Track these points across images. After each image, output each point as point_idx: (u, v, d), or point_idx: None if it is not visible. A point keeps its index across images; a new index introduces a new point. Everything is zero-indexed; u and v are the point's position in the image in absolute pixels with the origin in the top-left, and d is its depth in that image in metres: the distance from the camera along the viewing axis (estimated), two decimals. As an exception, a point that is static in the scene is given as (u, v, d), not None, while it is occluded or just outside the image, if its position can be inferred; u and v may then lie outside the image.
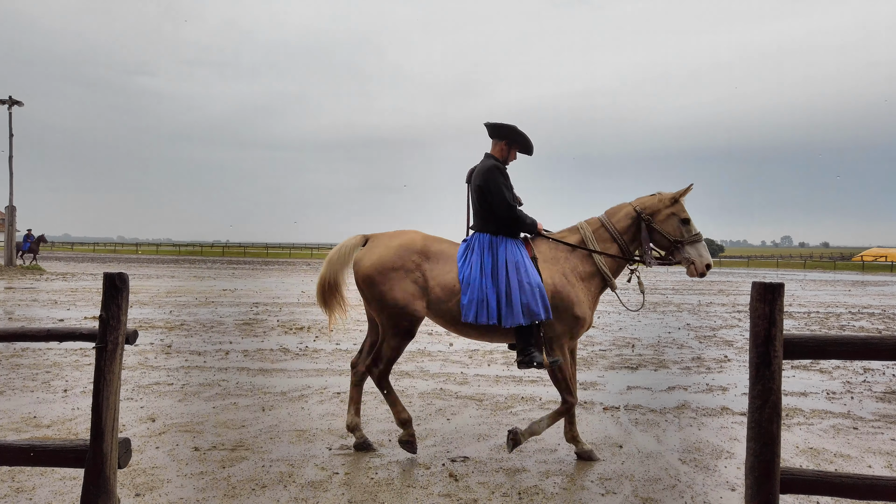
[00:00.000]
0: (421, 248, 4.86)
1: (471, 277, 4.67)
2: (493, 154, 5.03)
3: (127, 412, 5.88)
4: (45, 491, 4.04)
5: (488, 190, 4.83)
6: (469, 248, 4.85)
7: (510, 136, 4.97)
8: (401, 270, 4.76)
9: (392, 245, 4.86)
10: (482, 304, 4.60)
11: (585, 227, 5.07)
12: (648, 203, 5.01)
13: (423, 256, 4.83)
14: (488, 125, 5.01)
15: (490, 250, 4.76)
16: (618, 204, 5.17)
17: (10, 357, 8.38)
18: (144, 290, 19.58)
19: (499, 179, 4.83)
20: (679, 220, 4.91)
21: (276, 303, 16.44)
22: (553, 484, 4.37)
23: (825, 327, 13.42)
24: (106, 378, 3.04)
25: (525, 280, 4.62)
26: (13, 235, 31.51)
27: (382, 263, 4.79)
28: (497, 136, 5.02)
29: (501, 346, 10.16)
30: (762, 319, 2.53)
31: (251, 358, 8.76)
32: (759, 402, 2.53)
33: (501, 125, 4.96)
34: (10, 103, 31.61)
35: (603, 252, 4.95)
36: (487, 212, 4.88)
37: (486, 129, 5.05)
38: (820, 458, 5.02)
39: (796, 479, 2.58)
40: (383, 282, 4.76)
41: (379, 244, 4.93)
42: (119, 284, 3.07)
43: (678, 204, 4.95)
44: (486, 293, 4.61)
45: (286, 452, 4.88)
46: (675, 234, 4.91)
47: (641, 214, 4.97)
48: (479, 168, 4.98)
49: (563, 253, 4.95)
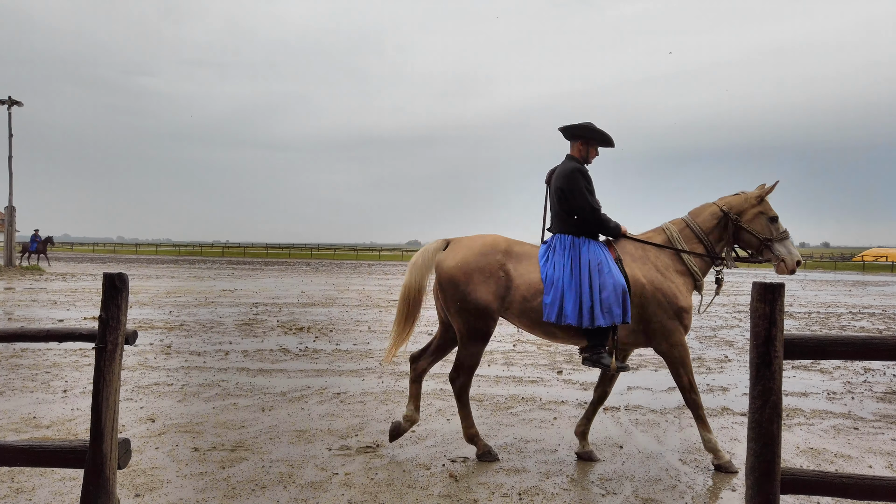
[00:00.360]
0: (504, 248, 4.84)
1: (554, 277, 4.65)
2: (573, 155, 5.00)
3: (127, 412, 5.88)
4: (44, 491, 4.04)
5: (570, 192, 4.80)
6: (550, 249, 4.83)
7: (585, 134, 4.94)
8: (485, 270, 4.73)
9: (475, 246, 4.84)
10: (564, 305, 4.58)
11: (671, 227, 5.04)
12: (735, 202, 4.98)
13: (507, 256, 4.81)
14: (562, 129, 5.01)
15: (572, 251, 4.74)
16: (701, 205, 5.13)
17: (10, 357, 8.38)
18: (144, 291, 19.57)
19: (581, 182, 4.81)
20: (767, 219, 4.89)
21: (276, 303, 16.44)
22: (553, 484, 4.37)
23: (826, 327, 13.42)
24: (105, 378, 3.04)
25: (609, 281, 4.59)
26: (13, 236, 31.50)
27: (466, 263, 4.76)
28: (572, 136, 5.01)
29: (502, 347, 10.16)
30: (762, 319, 2.53)
31: (251, 358, 8.75)
32: (759, 403, 2.52)
33: (575, 125, 4.94)
34: (10, 103, 31.61)
35: (692, 252, 4.90)
36: (568, 214, 4.86)
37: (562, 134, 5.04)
38: (820, 458, 5.02)
39: (797, 479, 2.58)
40: (467, 282, 4.72)
41: (462, 246, 4.90)
42: (119, 285, 3.07)
43: (765, 202, 4.93)
44: (568, 293, 4.59)
45: (286, 453, 4.87)
46: (765, 232, 4.88)
47: (729, 214, 4.94)
48: (560, 170, 4.94)
49: (651, 251, 4.92)
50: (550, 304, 4.60)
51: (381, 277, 30.40)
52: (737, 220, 4.93)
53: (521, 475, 4.53)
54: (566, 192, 4.83)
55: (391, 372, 8.02)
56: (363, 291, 20.68)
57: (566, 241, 4.81)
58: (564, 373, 8.20)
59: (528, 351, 9.87)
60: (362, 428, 5.58)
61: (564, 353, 9.65)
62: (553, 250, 4.82)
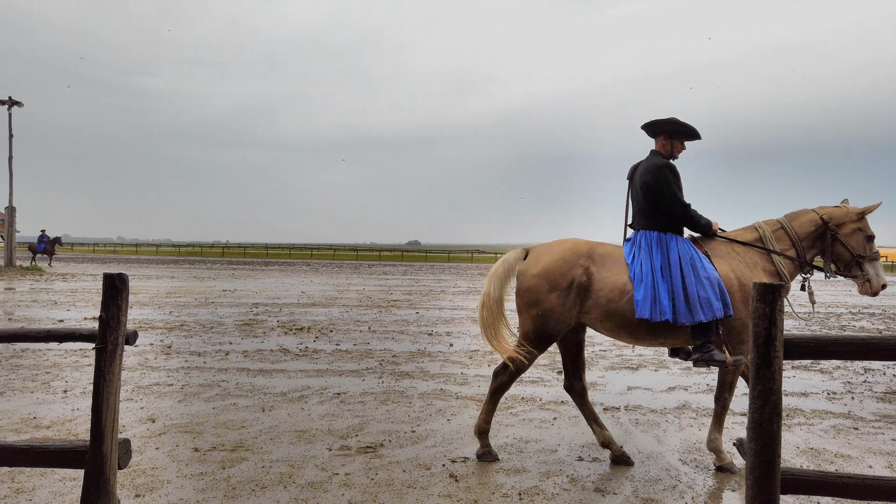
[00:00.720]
0: (587, 251, 4.77)
1: (642, 274, 4.58)
2: (658, 150, 4.96)
3: (127, 413, 5.88)
4: (44, 492, 4.04)
5: (658, 188, 4.75)
6: (636, 247, 4.76)
7: (668, 128, 4.90)
8: (567, 276, 4.66)
9: (556, 252, 4.78)
10: (655, 300, 4.50)
11: (764, 227, 4.97)
12: (835, 214, 4.89)
13: (589, 260, 4.74)
14: (645, 126, 4.98)
15: (659, 247, 4.68)
16: (798, 209, 5.05)
17: (10, 358, 8.38)
18: (144, 291, 19.57)
19: (669, 178, 4.76)
20: (865, 236, 4.80)
21: (276, 303, 16.44)
22: (553, 484, 4.37)
23: (825, 327, 13.42)
24: (106, 379, 3.04)
25: (703, 275, 4.53)
26: (13, 236, 31.51)
27: (549, 271, 4.69)
28: (655, 132, 4.97)
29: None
30: (762, 319, 2.53)
31: (251, 358, 8.75)
32: (759, 403, 2.52)
33: (658, 121, 4.91)
34: (10, 104, 31.62)
35: (783, 253, 4.83)
36: (655, 210, 4.80)
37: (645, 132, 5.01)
38: (820, 458, 5.02)
39: (797, 479, 2.58)
40: (549, 289, 4.66)
41: (543, 253, 4.84)
42: (119, 285, 3.07)
43: (864, 220, 4.84)
44: (659, 289, 4.52)
45: (286, 453, 4.88)
46: (859, 249, 4.79)
47: (829, 224, 4.85)
48: (646, 165, 4.89)
49: (740, 249, 4.85)
50: (643, 300, 4.51)
51: (382, 277, 30.40)
52: (835, 232, 4.82)
53: (521, 475, 4.53)
54: (653, 188, 4.76)
55: (391, 372, 8.02)
56: (363, 292, 20.68)
57: (652, 237, 4.73)
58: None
59: (528, 351, 9.87)
60: (362, 428, 5.58)
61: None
62: (639, 248, 4.73)
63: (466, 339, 10.92)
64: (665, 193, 4.74)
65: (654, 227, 4.79)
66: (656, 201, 4.78)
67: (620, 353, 9.78)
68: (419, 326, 12.52)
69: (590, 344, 10.64)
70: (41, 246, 35.92)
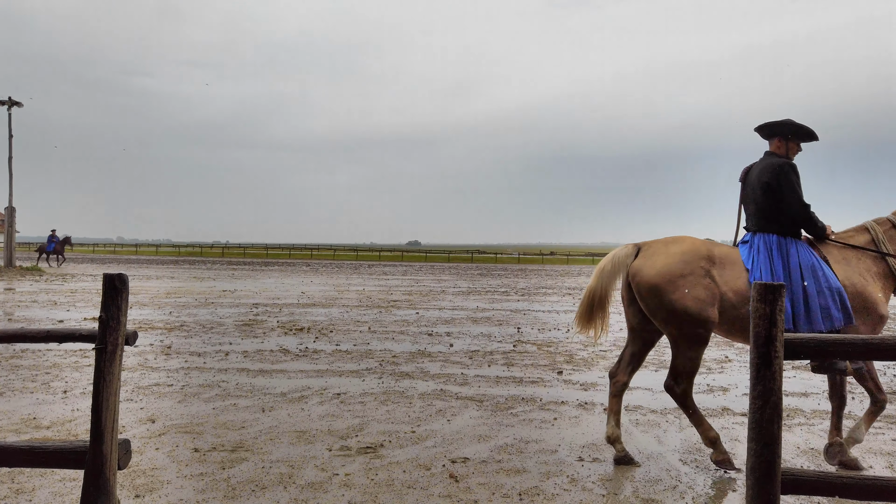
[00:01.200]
0: (707, 253, 4.66)
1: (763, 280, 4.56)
2: (773, 152, 4.90)
3: (127, 413, 5.88)
4: (44, 492, 4.04)
5: (779, 188, 4.68)
6: (754, 250, 4.68)
7: (785, 130, 4.84)
8: (690, 277, 4.56)
9: (675, 252, 4.68)
10: None
11: (876, 227, 4.88)
12: None
13: (710, 262, 4.64)
14: (759, 128, 4.93)
15: (780, 252, 4.62)
16: None
17: (10, 358, 8.38)
18: (144, 291, 19.57)
19: (792, 178, 4.69)
20: None
21: (276, 304, 16.44)
22: (554, 485, 4.36)
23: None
24: (105, 379, 3.04)
25: (824, 285, 4.47)
26: (13, 236, 31.51)
27: (670, 271, 4.58)
28: (770, 134, 4.92)
29: (503, 347, 10.16)
30: (763, 320, 2.53)
31: (251, 359, 8.75)
32: (759, 403, 2.52)
33: (773, 123, 4.87)
34: (10, 104, 31.62)
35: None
36: (774, 211, 4.72)
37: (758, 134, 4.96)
38: (821, 458, 5.01)
39: (797, 479, 2.58)
40: (672, 290, 4.54)
41: (659, 252, 4.74)
42: (118, 285, 3.07)
43: None
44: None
45: (286, 453, 4.87)
46: None
47: None
48: (765, 165, 4.81)
49: (852, 253, 4.79)
50: None
51: (382, 278, 30.40)
52: None
53: (522, 475, 4.53)
54: (774, 188, 4.69)
55: (391, 372, 8.02)
56: (363, 292, 20.68)
57: (771, 241, 4.67)
58: (564, 373, 8.20)
59: (528, 351, 9.87)
60: (362, 428, 5.58)
61: (564, 354, 9.65)
62: (757, 251, 4.66)
63: (466, 340, 10.92)
64: (786, 192, 4.67)
65: (772, 229, 4.72)
66: (777, 201, 4.70)
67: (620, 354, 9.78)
68: (419, 327, 12.52)
69: (590, 344, 10.64)
70: (51, 246, 35.88)
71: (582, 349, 10.13)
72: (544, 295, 21.49)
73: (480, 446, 5.15)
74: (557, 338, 11.40)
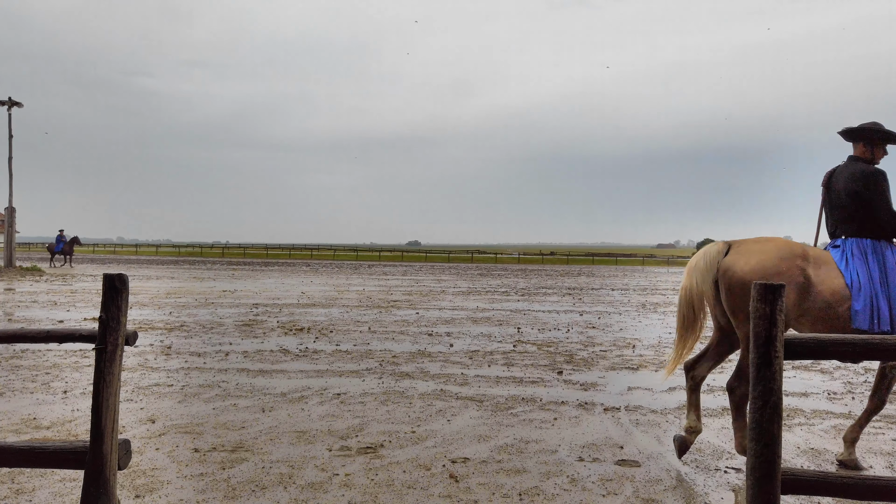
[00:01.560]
0: (801, 253, 4.64)
1: (861, 283, 4.49)
2: (857, 156, 4.87)
3: (127, 413, 5.88)
4: (44, 492, 4.04)
5: (869, 196, 4.67)
6: (848, 252, 4.67)
7: (871, 134, 4.82)
8: (785, 276, 4.54)
9: (769, 250, 4.65)
10: (876, 311, 4.41)
11: None
12: None
13: (805, 261, 4.62)
14: (843, 132, 4.90)
15: (875, 256, 4.60)
16: None
17: (10, 358, 8.38)
18: (144, 292, 19.57)
19: (882, 184, 4.67)
20: None
21: (276, 304, 16.44)
22: (554, 485, 4.36)
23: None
24: (106, 379, 3.04)
25: None
26: (13, 236, 31.52)
27: (764, 269, 4.54)
28: (854, 138, 4.90)
29: (503, 347, 10.15)
30: (763, 320, 2.53)
31: (251, 359, 8.75)
32: (759, 403, 2.52)
33: (857, 128, 4.84)
34: (10, 104, 31.63)
35: None
36: (866, 217, 4.70)
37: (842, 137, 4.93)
38: (821, 458, 5.02)
39: (797, 479, 2.58)
40: None
41: (752, 250, 4.71)
42: (119, 286, 3.07)
43: None
44: (878, 300, 4.43)
45: (286, 454, 4.87)
46: None
47: None
48: (853, 170, 4.78)
49: None
50: (862, 310, 4.42)
51: (382, 278, 30.40)
52: None
53: (522, 475, 4.53)
54: (863, 195, 4.68)
55: (391, 373, 8.02)
56: (363, 292, 20.68)
57: (866, 245, 4.65)
58: (564, 373, 8.20)
59: (528, 351, 9.87)
60: (362, 429, 5.57)
61: (564, 354, 9.65)
62: (851, 255, 4.64)
63: (466, 340, 10.92)
64: (876, 200, 4.66)
65: (865, 234, 4.71)
66: (867, 209, 4.68)
67: (621, 354, 9.78)
68: (419, 327, 12.52)
69: (590, 344, 10.65)
70: (59, 246, 35.87)
71: (582, 349, 10.13)
72: (544, 295, 21.50)
73: (480, 446, 5.15)
74: (557, 338, 11.40)
